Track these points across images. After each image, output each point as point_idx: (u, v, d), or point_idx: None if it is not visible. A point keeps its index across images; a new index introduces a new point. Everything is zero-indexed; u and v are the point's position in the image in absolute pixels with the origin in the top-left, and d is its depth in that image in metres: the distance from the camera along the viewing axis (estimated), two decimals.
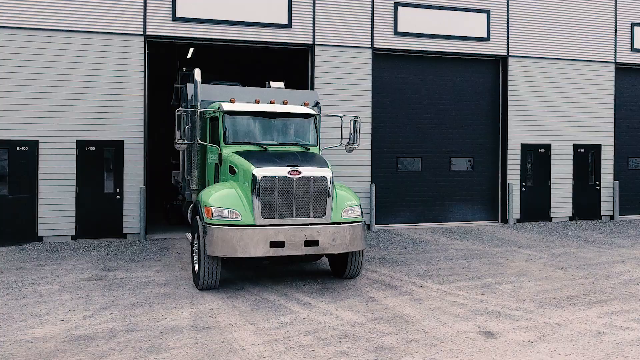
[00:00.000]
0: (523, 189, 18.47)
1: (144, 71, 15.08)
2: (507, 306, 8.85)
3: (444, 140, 18.02)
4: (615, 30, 19.17)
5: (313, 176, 9.38)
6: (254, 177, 9.17)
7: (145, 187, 15.10)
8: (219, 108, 10.71)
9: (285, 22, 16.02)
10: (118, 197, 15.09)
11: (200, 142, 10.86)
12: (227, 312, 8.43)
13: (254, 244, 8.97)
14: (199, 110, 10.83)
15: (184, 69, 16.76)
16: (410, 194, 17.61)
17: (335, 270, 10.70)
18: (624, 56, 19.35)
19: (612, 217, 19.47)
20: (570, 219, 19.01)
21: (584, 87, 18.86)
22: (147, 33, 15.03)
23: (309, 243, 9.21)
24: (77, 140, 14.63)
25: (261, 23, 15.81)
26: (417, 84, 17.67)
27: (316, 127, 11.33)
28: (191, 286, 9.99)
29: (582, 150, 19.14)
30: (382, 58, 17.06)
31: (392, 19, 16.94)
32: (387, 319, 8.13)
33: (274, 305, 8.80)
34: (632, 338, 7.39)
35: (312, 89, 15.99)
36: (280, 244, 9.09)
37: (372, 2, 16.76)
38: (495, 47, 17.96)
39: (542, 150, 18.65)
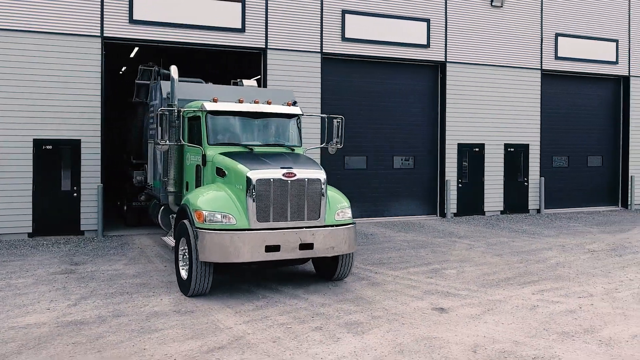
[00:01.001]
0: (459, 185, 19.88)
1: (101, 72, 15.42)
2: (454, 287, 9.98)
3: (388, 140, 19.17)
4: (542, 40, 20.92)
5: (308, 178, 9.20)
6: (248, 179, 8.91)
7: (102, 185, 15.44)
8: (201, 107, 10.35)
9: (239, 26, 16.72)
10: (75, 194, 15.36)
11: (185, 143, 10.61)
12: (204, 299, 9.12)
13: (249, 249, 8.71)
14: (183, 110, 10.68)
15: (149, 64, 16.10)
16: (357, 190, 18.64)
17: (321, 272, 10.44)
18: (549, 63, 21.12)
19: (538, 211, 21.19)
20: (502, 212, 20.58)
21: (514, 92, 20.48)
22: (104, 35, 15.38)
23: (303, 246, 9.03)
24: (34, 139, 14.82)
25: (216, 27, 16.44)
26: (364, 87, 18.74)
27: (298, 127, 11.19)
28: (163, 276, 10.59)
29: (512, 149, 20.76)
30: (331, 62, 18.03)
31: (340, 26, 17.94)
32: (351, 300, 9.08)
33: (247, 292, 9.57)
34: (561, 309, 8.65)
35: None
36: (275, 248, 8.86)
37: (322, 9, 17.70)
38: (434, 54, 19.28)
39: (477, 149, 20.12)
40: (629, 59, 22.58)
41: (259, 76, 17.36)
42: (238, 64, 19.86)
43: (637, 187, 22.83)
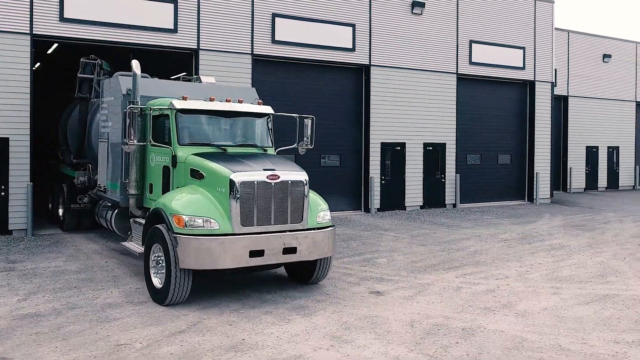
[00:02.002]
0: (382, 182, 20.99)
1: (31, 69, 15.26)
2: (386, 274, 10.89)
3: (316, 139, 19.89)
4: (457, 46, 22.41)
5: (291, 180, 8.91)
6: (232, 182, 8.48)
7: (31, 184, 15.28)
8: (170, 105, 9.83)
9: (172, 27, 16.98)
10: (3, 193, 15.12)
11: (155, 143, 9.91)
12: None
13: (233, 255, 8.32)
14: (148, 108, 10.06)
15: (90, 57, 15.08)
16: None
17: (296, 276, 10.07)
18: (464, 68, 22.66)
19: (454, 205, 22.68)
20: (421, 207, 21.88)
21: (432, 94, 21.84)
22: (34, 32, 15.22)
23: (287, 251, 8.73)
24: None
25: (149, 27, 16.63)
26: (294, 88, 19.44)
27: (269, 127, 10.92)
28: (107, 271, 10.83)
29: (431, 148, 22.12)
30: (261, 64, 18.60)
31: (270, 29, 18.54)
32: (294, 288, 9.77)
33: (195, 284, 10.01)
34: (482, 289, 9.73)
35: None
36: (259, 253, 8.52)
37: (252, 12, 18.24)
38: (359, 57, 20.27)
39: (398, 148, 21.31)
40: (535, 65, 24.56)
41: (184, 73, 17.60)
42: (167, 64, 20.00)
43: (542, 183, 24.87)
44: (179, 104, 9.83)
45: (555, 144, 26.72)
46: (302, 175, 9.11)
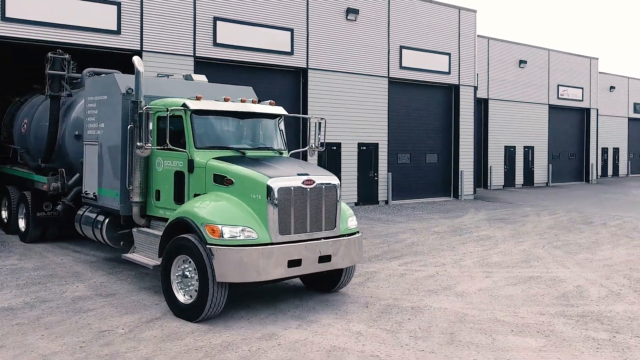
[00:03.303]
0: None
1: None
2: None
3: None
4: (389, 51, 23.68)
5: (325, 185, 8.52)
6: (269, 188, 7.92)
7: None
8: (183, 106, 9.06)
9: (115, 28, 17.20)
10: None
11: (173, 147, 8.88)
12: (118, 284, 9.98)
13: (273, 265, 7.82)
14: (169, 109, 8.96)
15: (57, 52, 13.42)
16: None
17: (316, 285, 9.51)
18: (395, 72, 23.96)
19: (386, 202, 23.92)
20: (356, 204, 22.97)
21: (366, 96, 22.98)
22: None
23: (322, 259, 8.34)
24: None
25: (93, 28, 16.78)
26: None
27: (281, 128, 10.39)
28: (66, 268, 11.10)
29: (365, 147, 23.25)
30: (203, 66, 19.05)
31: (212, 32, 19.06)
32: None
33: (156, 273, 10.51)
34: (423, 275, 10.80)
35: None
36: (297, 263, 8.07)
37: (195, 15, 18.69)
38: (297, 60, 21.10)
39: (334, 147, 22.29)
40: (459, 70, 26.24)
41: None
42: (110, 65, 20.07)
43: (466, 180, 26.58)
44: (193, 105, 9.12)
45: (477, 144, 28.55)
46: (335, 180, 8.73)
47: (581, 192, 31.34)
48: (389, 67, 23.70)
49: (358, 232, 9.09)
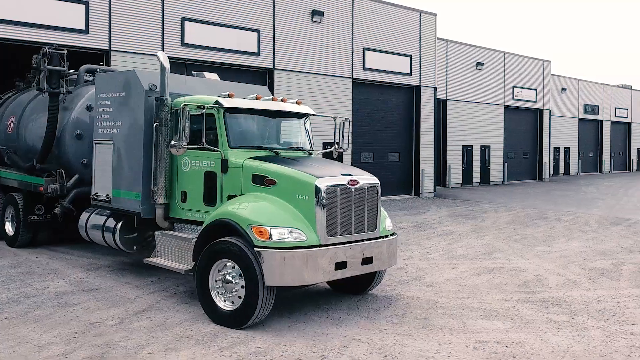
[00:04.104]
0: None
1: None
2: None
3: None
4: (352, 53, 24.26)
5: (368, 185, 8.39)
6: (317, 188, 7.73)
7: None
8: (216, 103, 8.72)
9: (83, 27, 17.23)
10: None
11: (208, 146, 8.54)
12: (100, 279, 10.18)
13: (321, 268, 7.67)
14: (206, 106, 8.60)
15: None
16: None
17: (346, 288, 9.33)
18: (359, 73, 24.56)
19: None
20: None
21: (331, 97, 23.48)
22: None
23: (365, 261, 8.24)
24: None
25: (61, 27, 16.78)
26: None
27: (307, 128, 10.22)
28: (43, 265, 11.19)
29: (329, 146, 23.70)
30: (171, 65, 19.08)
31: (180, 32, 19.25)
32: None
33: (134, 269, 10.77)
34: (394, 268, 11.32)
35: None
36: (342, 265, 7.92)
37: (163, 15, 18.84)
38: (264, 61, 21.46)
39: None
40: (420, 72, 27.03)
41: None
42: (77, 64, 19.99)
43: (427, 179, 27.39)
44: (227, 102, 8.79)
45: (436, 144, 29.41)
46: (376, 180, 8.60)
47: (535, 189, 32.63)
48: (352, 68, 24.28)
49: (395, 233, 9.00)
